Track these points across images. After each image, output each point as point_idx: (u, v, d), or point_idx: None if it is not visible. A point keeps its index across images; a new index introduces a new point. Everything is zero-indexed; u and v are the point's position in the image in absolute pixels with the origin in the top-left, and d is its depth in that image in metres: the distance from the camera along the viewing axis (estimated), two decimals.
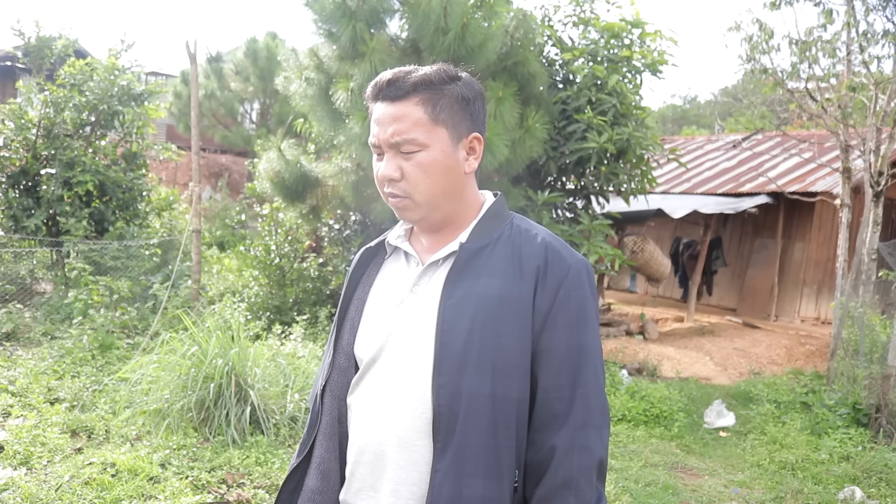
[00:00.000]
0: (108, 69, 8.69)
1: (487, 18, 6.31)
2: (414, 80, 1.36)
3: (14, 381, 5.29)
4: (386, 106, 1.37)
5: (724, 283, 12.73)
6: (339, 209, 7.86)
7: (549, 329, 1.34)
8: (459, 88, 1.39)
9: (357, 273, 1.52)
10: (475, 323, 1.32)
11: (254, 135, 17.80)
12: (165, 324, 6.65)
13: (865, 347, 6.73)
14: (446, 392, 1.31)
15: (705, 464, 5.33)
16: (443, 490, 1.30)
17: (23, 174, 8.27)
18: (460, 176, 1.40)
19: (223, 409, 4.53)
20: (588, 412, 1.33)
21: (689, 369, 8.31)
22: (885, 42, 7.58)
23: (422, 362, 1.35)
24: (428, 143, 1.35)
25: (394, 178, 1.37)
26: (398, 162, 1.37)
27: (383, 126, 1.37)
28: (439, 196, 1.38)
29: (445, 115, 1.36)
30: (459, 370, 1.31)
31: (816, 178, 10.98)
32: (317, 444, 1.48)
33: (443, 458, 1.31)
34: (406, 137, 1.35)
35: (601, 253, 7.16)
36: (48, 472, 3.89)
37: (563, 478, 1.30)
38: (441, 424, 1.31)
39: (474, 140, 1.41)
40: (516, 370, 1.33)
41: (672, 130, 30.66)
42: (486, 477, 1.31)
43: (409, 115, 1.35)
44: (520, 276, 1.35)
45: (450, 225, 1.44)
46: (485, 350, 1.31)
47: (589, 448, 1.32)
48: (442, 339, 1.32)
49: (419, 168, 1.35)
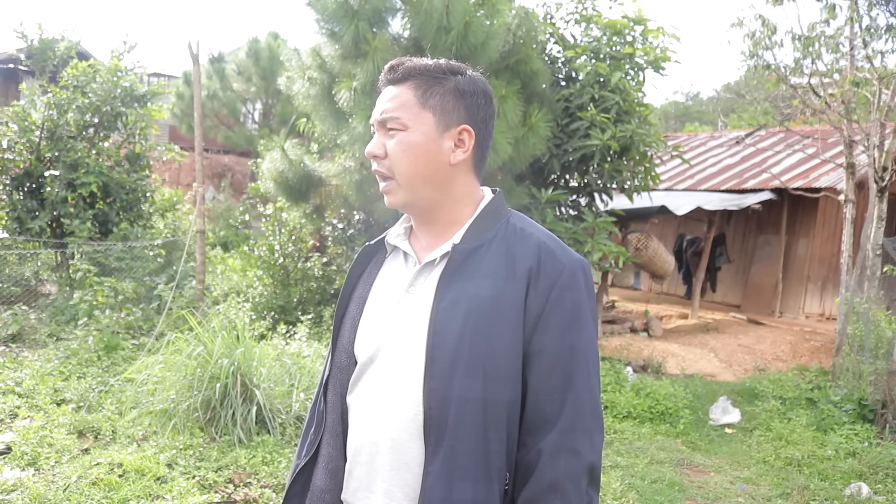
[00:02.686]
0: (110, 71, 8.70)
1: (489, 17, 6.32)
2: (411, 66, 1.40)
3: (21, 383, 5.31)
4: (387, 89, 1.41)
5: (728, 280, 12.71)
6: (343, 208, 7.87)
7: (540, 331, 1.32)
8: (458, 81, 1.39)
9: (356, 271, 1.51)
10: (466, 325, 1.30)
11: (256, 135, 17.82)
12: (170, 324, 6.67)
13: (871, 343, 6.72)
14: (437, 395, 1.29)
15: (711, 460, 5.33)
16: (434, 493, 1.29)
17: (27, 176, 8.28)
18: (443, 165, 1.38)
19: (229, 408, 4.54)
20: (578, 416, 1.30)
21: (693, 366, 8.30)
22: (889, 37, 7.57)
23: (414, 364, 1.33)
24: (410, 124, 1.37)
25: (377, 155, 1.39)
26: (383, 139, 1.40)
27: (378, 106, 1.41)
28: (419, 179, 1.38)
29: (435, 101, 1.37)
30: (450, 373, 1.29)
31: (820, 174, 10.95)
32: (323, 443, 1.47)
33: (434, 460, 1.30)
34: (391, 115, 1.38)
35: (605, 250, 7.15)
36: (56, 472, 3.90)
37: (548, 481, 1.28)
38: (432, 427, 1.30)
39: (464, 132, 1.39)
40: (508, 373, 1.31)
41: (675, 127, 30.60)
42: (476, 480, 1.29)
43: (400, 96, 1.38)
44: (512, 277, 1.33)
45: (443, 220, 1.42)
46: (476, 352, 1.29)
47: (577, 452, 1.29)
48: (433, 341, 1.31)
49: (398, 146, 1.37)
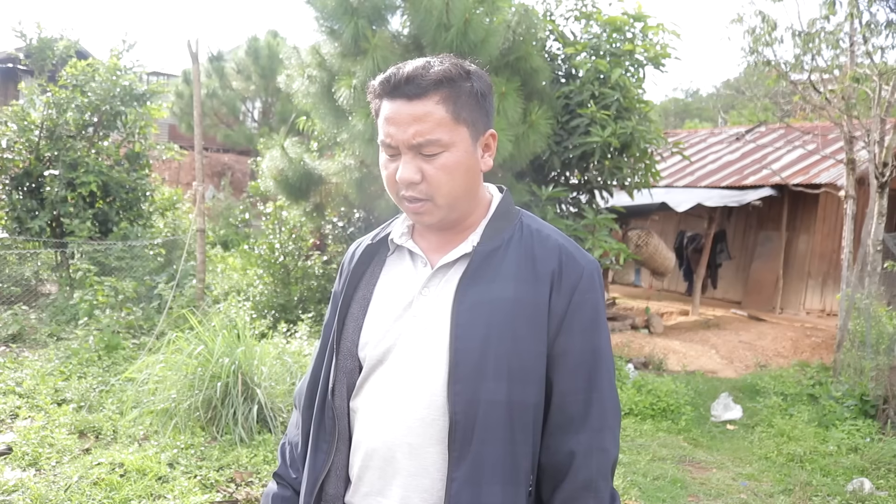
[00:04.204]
0: (109, 70, 8.68)
1: (489, 14, 6.30)
2: (434, 78, 1.28)
3: (21, 383, 5.30)
4: (402, 104, 1.29)
5: (729, 277, 12.71)
6: (343, 206, 7.86)
7: (564, 333, 1.32)
8: (475, 84, 1.33)
9: (358, 270, 1.46)
10: (491, 328, 1.29)
11: (256, 133, 17.81)
12: (171, 323, 6.65)
13: (872, 339, 6.71)
14: (462, 400, 1.28)
15: (713, 457, 5.33)
16: (461, 498, 1.27)
17: (26, 176, 8.27)
18: (479, 174, 1.37)
19: (230, 407, 4.53)
20: (604, 415, 1.33)
21: (695, 363, 8.30)
22: (889, 33, 7.55)
23: (433, 368, 1.31)
24: (451, 142, 1.29)
25: (414, 181, 1.30)
26: (418, 164, 1.30)
27: (401, 126, 1.28)
28: (462, 197, 1.34)
29: (466, 113, 1.31)
30: (476, 377, 1.28)
31: (820, 170, 10.94)
32: (337, 451, 1.42)
33: (459, 466, 1.28)
34: (429, 139, 1.27)
35: (606, 247, 7.15)
36: (57, 472, 3.89)
37: (583, 481, 1.30)
38: (458, 433, 1.28)
39: (490, 137, 1.37)
40: (532, 375, 1.31)
41: (675, 124, 30.58)
42: (504, 483, 1.29)
43: (431, 115, 1.28)
44: (534, 280, 1.33)
45: (460, 224, 1.40)
46: (501, 356, 1.28)
47: (606, 450, 1.32)
48: (457, 345, 1.28)
49: (443, 170, 1.29)
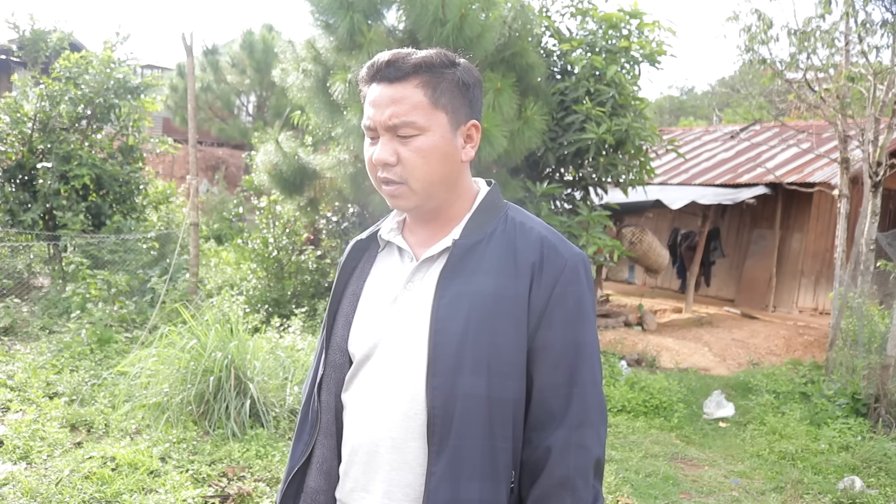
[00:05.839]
0: (103, 62, 8.63)
1: (485, 9, 6.29)
2: (414, 62, 1.30)
3: (13, 376, 5.28)
4: (383, 87, 1.31)
5: (723, 274, 12.74)
6: (337, 201, 7.84)
7: (544, 326, 1.30)
8: (459, 73, 1.34)
9: (348, 266, 1.47)
10: (469, 322, 1.28)
11: (250, 127, 17.75)
12: (164, 317, 6.64)
13: (864, 337, 6.74)
14: (441, 394, 1.27)
15: (705, 454, 5.34)
16: (439, 493, 1.27)
17: (19, 168, 8.23)
18: (457, 164, 1.35)
19: (223, 402, 4.52)
20: (585, 411, 1.30)
21: (687, 360, 8.32)
22: (884, 32, 7.55)
23: (414, 362, 1.31)
24: (427, 126, 1.29)
25: (389, 163, 1.30)
26: (394, 146, 1.30)
27: (380, 108, 1.30)
28: (436, 183, 1.33)
29: (445, 99, 1.31)
30: (454, 371, 1.27)
31: (814, 169, 10.97)
32: (318, 444, 1.44)
33: (438, 460, 1.27)
34: (405, 120, 1.28)
35: (600, 244, 7.15)
36: (48, 466, 3.88)
37: (559, 477, 1.27)
38: (436, 427, 1.27)
39: (472, 128, 1.36)
40: (512, 369, 1.29)
41: (669, 121, 30.62)
42: (482, 479, 1.28)
43: (409, 98, 1.29)
44: (515, 273, 1.31)
45: (443, 216, 1.39)
46: (480, 350, 1.27)
47: (586, 447, 1.29)
48: (435, 339, 1.28)
49: (417, 153, 1.30)
